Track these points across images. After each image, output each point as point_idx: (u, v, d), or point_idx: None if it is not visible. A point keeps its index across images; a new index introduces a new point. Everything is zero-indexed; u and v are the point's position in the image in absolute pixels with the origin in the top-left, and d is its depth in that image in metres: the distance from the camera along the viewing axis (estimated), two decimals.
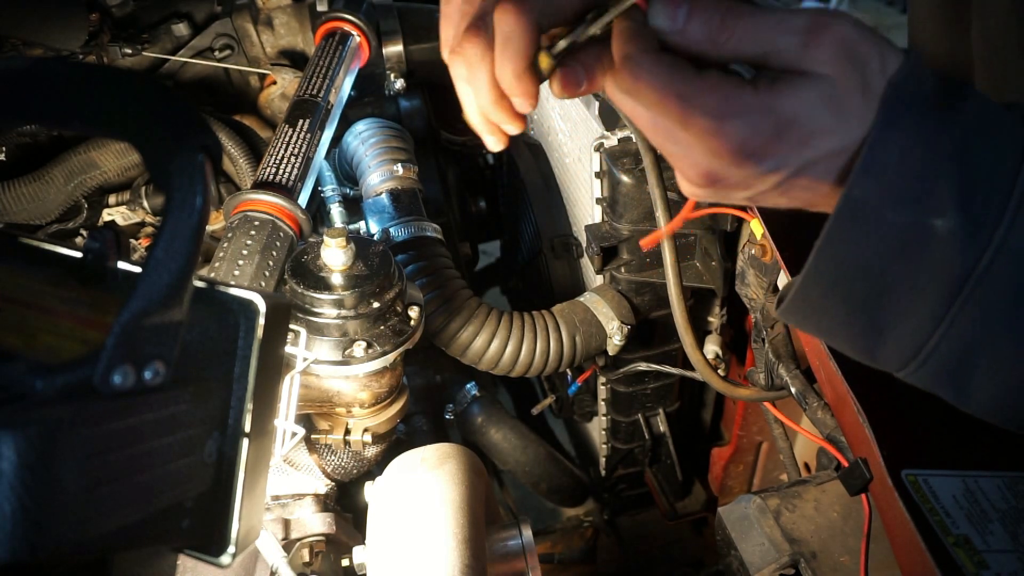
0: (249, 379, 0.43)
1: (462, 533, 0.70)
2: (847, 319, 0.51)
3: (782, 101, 0.46)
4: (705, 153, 0.47)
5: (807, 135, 0.46)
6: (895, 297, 0.48)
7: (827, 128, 0.46)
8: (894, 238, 0.46)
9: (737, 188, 0.50)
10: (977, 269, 0.45)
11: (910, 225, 0.45)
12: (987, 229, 0.44)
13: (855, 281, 0.48)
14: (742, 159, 0.47)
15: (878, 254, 0.47)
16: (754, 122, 0.46)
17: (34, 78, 0.40)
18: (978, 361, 0.48)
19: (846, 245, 0.47)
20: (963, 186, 0.44)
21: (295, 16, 1.32)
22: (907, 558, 0.60)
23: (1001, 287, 0.45)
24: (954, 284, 0.46)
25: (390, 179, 1.10)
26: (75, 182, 1.14)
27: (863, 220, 0.46)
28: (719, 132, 0.46)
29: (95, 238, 0.44)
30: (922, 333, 0.48)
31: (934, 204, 0.45)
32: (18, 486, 0.30)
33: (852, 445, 0.69)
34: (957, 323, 0.47)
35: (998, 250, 0.44)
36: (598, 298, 1.07)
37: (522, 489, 1.52)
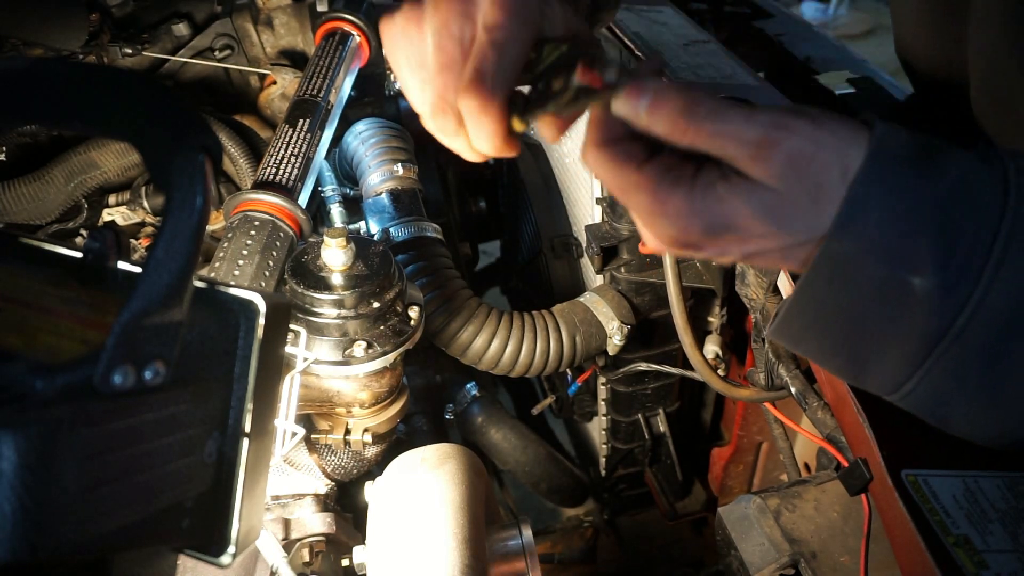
0: (249, 379, 0.43)
1: (462, 533, 0.71)
2: (830, 351, 0.52)
3: (716, 207, 0.47)
4: (668, 229, 0.50)
5: (742, 239, 0.48)
6: (873, 340, 0.48)
7: (764, 234, 0.47)
8: (872, 290, 0.46)
9: (702, 255, 0.52)
10: (953, 328, 0.45)
11: (888, 279, 0.45)
12: (964, 289, 0.44)
13: (834, 321, 0.49)
14: (678, 248, 0.50)
15: (856, 301, 0.47)
16: (682, 225, 0.48)
17: (34, 78, 0.40)
18: (954, 408, 0.49)
19: (824, 291, 0.48)
20: (943, 245, 0.44)
21: (295, 16, 1.32)
22: (907, 558, 0.60)
23: (976, 346, 0.45)
24: (930, 340, 0.46)
25: (390, 179, 1.10)
26: (75, 182, 1.14)
27: (841, 271, 0.46)
28: (651, 227, 0.50)
29: (95, 238, 0.44)
30: (899, 375, 0.49)
31: (913, 261, 0.45)
32: (18, 486, 0.30)
33: (852, 445, 0.69)
34: (932, 374, 0.47)
35: (974, 311, 0.44)
36: (598, 298, 1.07)
37: (522, 489, 1.52)
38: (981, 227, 0.44)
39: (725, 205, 0.47)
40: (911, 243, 0.44)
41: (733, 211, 0.47)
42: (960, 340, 0.45)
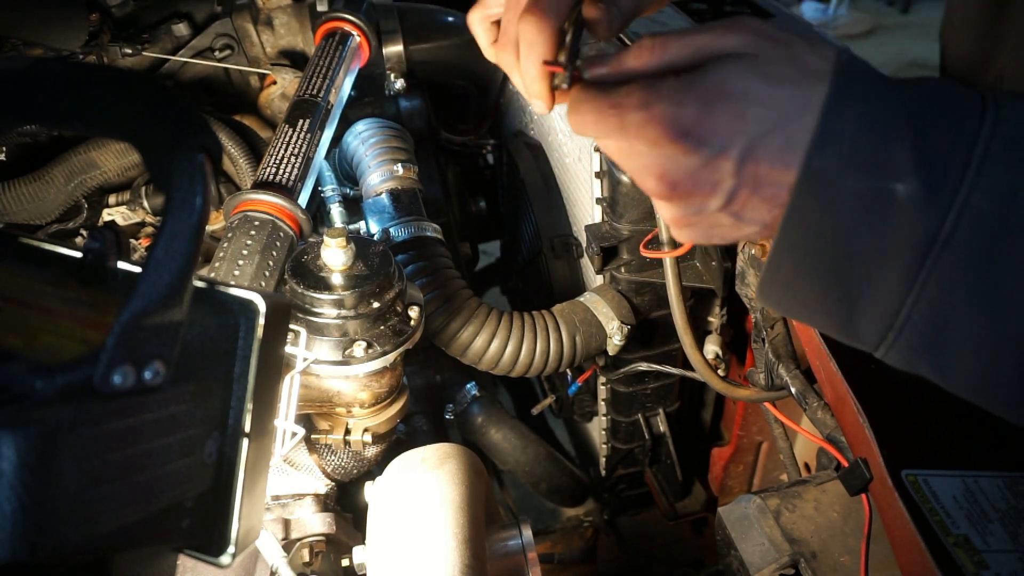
0: (249, 379, 0.43)
1: (462, 533, 0.71)
2: (820, 292, 0.50)
3: (705, 78, 0.48)
4: (650, 149, 0.49)
5: (739, 105, 0.47)
6: (864, 265, 0.48)
7: (759, 95, 0.47)
8: (856, 205, 0.46)
9: (700, 192, 0.50)
10: (941, 233, 0.44)
11: (871, 191, 0.45)
12: (947, 192, 0.44)
13: (823, 252, 0.48)
14: (679, 138, 0.48)
15: (842, 223, 0.47)
16: (679, 99, 0.48)
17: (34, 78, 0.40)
18: (952, 329, 0.47)
19: (809, 216, 0.48)
20: (921, 150, 0.44)
21: (295, 16, 1.32)
22: (907, 558, 0.60)
23: (967, 251, 0.45)
24: (919, 249, 0.45)
25: (390, 179, 1.10)
26: (75, 182, 1.14)
27: (824, 189, 0.46)
28: (650, 118, 0.48)
29: (95, 238, 0.44)
30: (894, 300, 0.47)
31: (893, 169, 0.45)
32: (18, 486, 0.30)
33: (852, 445, 0.69)
34: (927, 289, 0.46)
35: (960, 213, 0.44)
36: (598, 298, 1.07)
37: (522, 489, 1.52)
38: (960, 131, 0.45)
39: (713, 74, 0.48)
40: (889, 151, 0.45)
41: (722, 75, 0.47)
42: (950, 246, 0.44)
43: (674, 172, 0.50)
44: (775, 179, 0.48)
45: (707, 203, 0.51)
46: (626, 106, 0.49)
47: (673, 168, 0.50)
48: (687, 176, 0.50)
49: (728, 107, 0.47)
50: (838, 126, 0.46)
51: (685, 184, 0.50)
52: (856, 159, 0.45)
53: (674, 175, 0.50)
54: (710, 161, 0.49)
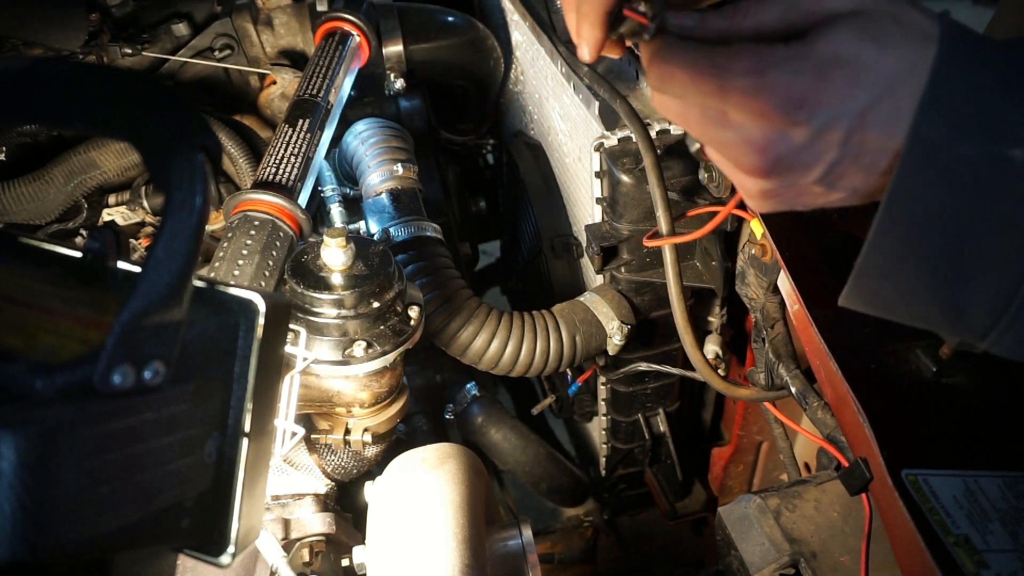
0: (249, 379, 0.43)
1: (462, 533, 0.71)
2: (927, 275, 0.47)
3: (817, 44, 0.44)
4: (754, 121, 0.46)
5: (853, 72, 0.44)
6: (976, 241, 0.44)
7: (871, 60, 0.44)
8: (969, 175, 0.43)
9: (802, 166, 0.47)
10: None
11: (984, 158, 0.42)
12: None
13: (931, 230, 0.45)
14: (792, 111, 0.44)
15: (953, 195, 0.43)
16: (793, 68, 0.44)
17: (34, 78, 0.40)
18: None
19: (918, 189, 0.44)
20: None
21: (295, 16, 1.32)
22: (907, 558, 0.60)
23: None
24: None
25: (390, 179, 1.10)
26: (75, 182, 1.14)
27: (934, 158, 0.43)
28: (760, 87, 0.44)
29: (95, 238, 0.44)
30: (1011, 277, 0.44)
31: (1008, 132, 0.42)
32: (18, 486, 0.30)
33: (852, 445, 0.69)
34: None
35: None
36: (598, 298, 1.07)
37: (522, 489, 1.52)
38: None
39: (825, 40, 0.44)
40: (1003, 114, 0.42)
41: (834, 41, 0.44)
42: None
43: (779, 147, 0.46)
44: (880, 146, 0.45)
45: (806, 176, 0.48)
46: (732, 70, 0.45)
47: (779, 142, 0.46)
48: (793, 151, 0.46)
49: (843, 75, 0.44)
50: (948, 90, 0.43)
51: (789, 159, 0.46)
52: (968, 124, 0.43)
53: (779, 150, 0.46)
54: (820, 134, 0.45)
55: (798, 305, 0.75)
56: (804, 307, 0.73)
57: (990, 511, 0.60)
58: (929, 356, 0.69)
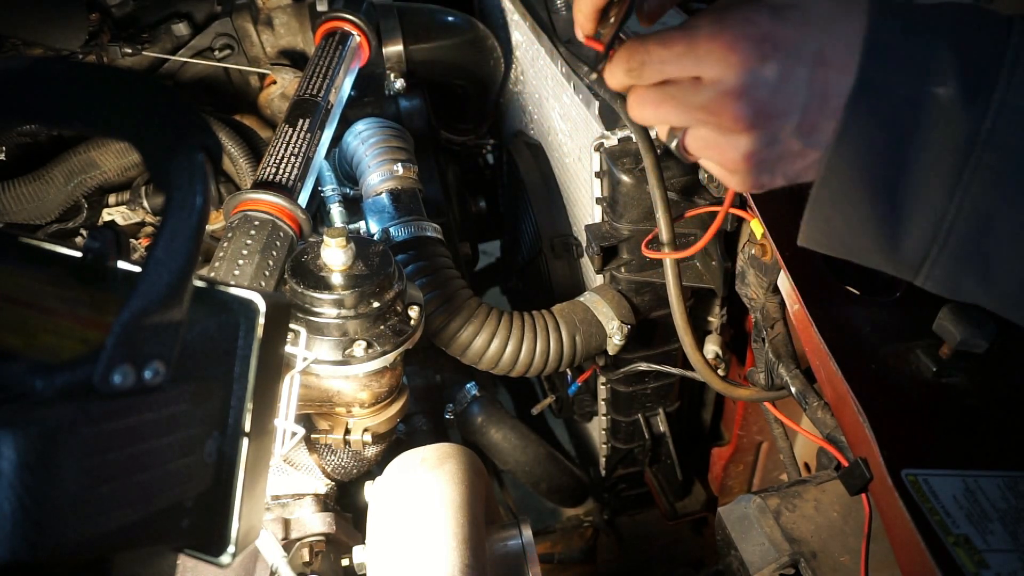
0: (249, 379, 0.43)
1: (462, 533, 0.71)
2: (869, 209, 0.51)
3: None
4: (727, 67, 0.49)
5: (802, 13, 0.49)
6: (910, 175, 0.49)
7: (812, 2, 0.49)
8: (904, 112, 0.48)
9: (779, 112, 0.50)
10: (981, 132, 0.46)
11: (916, 97, 0.47)
12: (985, 92, 0.47)
13: (873, 164, 0.49)
14: (758, 45, 0.49)
15: (891, 130, 0.48)
16: (750, 14, 0.49)
17: (34, 78, 0.40)
18: (997, 232, 0.48)
19: (862, 126, 0.49)
20: (959, 55, 0.47)
21: (295, 16, 1.32)
22: (907, 558, 0.60)
23: (1007, 149, 0.46)
24: (961, 150, 0.47)
25: (390, 179, 1.10)
26: (75, 182, 1.14)
27: (874, 97, 0.48)
28: (724, 28, 0.49)
29: (95, 238, 0.44)
30: (938, 206, 0.49)
31: (935, 73, 0.47)
32: (18, 486, 0.30)
33: (852, 445, 0.69)
34: (970, 191, 0.48)
35: (999, 111, 0.46)
36: (598, 298, 1.07)
37: (522, 489, 1.52)
38: (992, 38, 0.47)
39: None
40: (933, 56, 0.47)
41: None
42: (991, 144, 0.46)
43: (756, 87, 0.50)
44: (839, 87, 0.49)
45: (784, 123, 0.51)
46: (696, 26, 0.50)
47: (754, 82, 0.50)
48: (768, 91, 0.50)
49: (795, 15, 0.49)
50: (885, 33, 0.48)
51: (766, 101, 0.50)
52: (904, 64, 0.48)
53: (756, 91, 0.50)
54: (789, 69, 0.49)
55: (798, 305, 0.75)
56: (804, 307, 0.73)
57: (990, 511, 0.60)
58: (929, 356, 0.69)
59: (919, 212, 0.50)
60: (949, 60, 0.47)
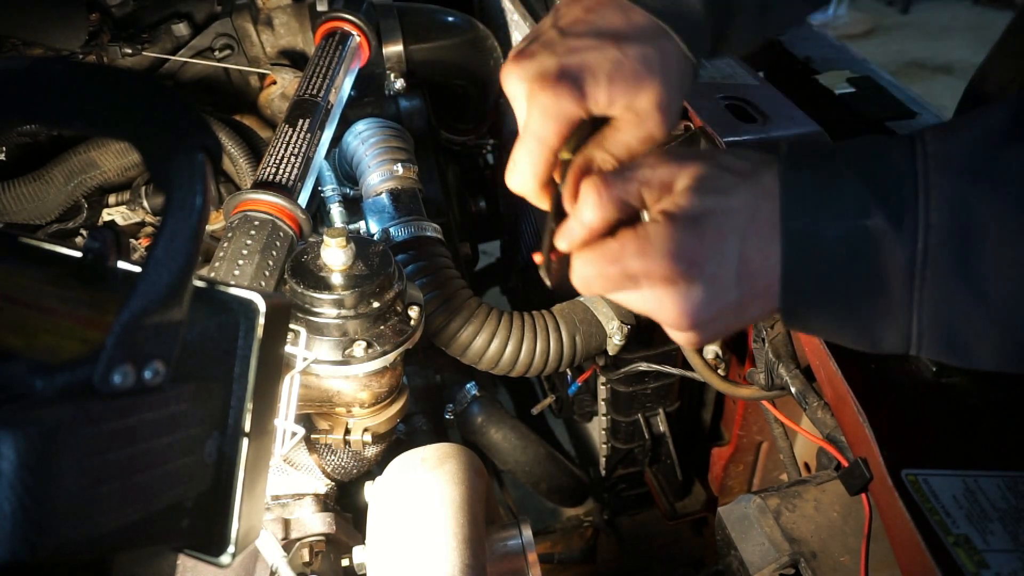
0: (249, 379, 0.43)
1: (462, 533, 0.71)
2: (837, 327, 0.54)
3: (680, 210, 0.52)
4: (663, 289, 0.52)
5: (718, 219, 0.52)
6: (864, 301, 0.51)
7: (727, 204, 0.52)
8: (839, 248, 0.50)
9: (716, 315, 0.53)
10: (917, 253, 0.49)
11: (847, 235, 0.50)
12: (909, 213, 0.49)
13: (826, 298, 0.52)
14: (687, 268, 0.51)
15: (832, 267, 0.51)
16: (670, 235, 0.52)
17: (34, 78, 0.40)
18: (962, 328, 0.50)
19: (803, 272, 0.52)
20: (872, 186, 0.50)
21: (295, 16, 1.32)
22: (907, 558, 0.60)
23: (945, 262, 0.49)
24: (906, 270, 0.50)
25: (390, 179, 1.10)
26: (75, 182, 1.14)
27: (806, 244, 0.51)
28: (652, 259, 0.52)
29: (95, 238, 0.44)
30: (903, 322, 0.51)
31: (856, 209, 0.50)
32: (18, 486, 0.30)
33: (852, 445, 0.69)
34: (926, 304, 0.50)
35: (927, 232, 0.49)
36: (598, 298, 1.07)
37: (522, 489, 1.52)
38: (898, 166, 0.50)
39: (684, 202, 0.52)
40: (848, 193, 0.50)
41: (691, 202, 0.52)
42: (929, 261, 0.49)
43: (691, 302, 0.52)
44: (765, 267, 0.52)
45: (725, 321, 0.54)
46: (624, 254, 0.52)
47: (688, 301, 0.52)
48: (703, 304, 0.52)
49: (711, 227, 0.51)
50: (798, 189, 0.51)
51: (705, 311, 0.53)
52: (820, 210, 0.51)
53: (693, 305, 0.53)
54: (716, 278, 0.52)
55: None
56: None
57: (990, 511, 0.60)
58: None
59: (888, 329, 0.52)
60: (865, 194, 0.50)
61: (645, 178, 0.54)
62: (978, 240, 0.48)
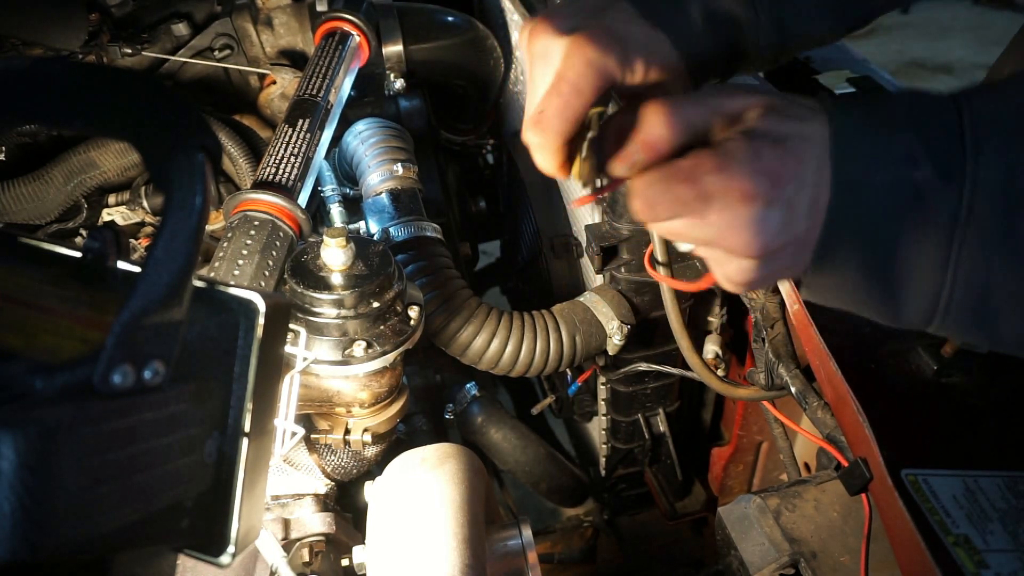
0: (249, 379, 0.43)
1: (462, 533, 0.71)
2: (865, 289, 0.52)
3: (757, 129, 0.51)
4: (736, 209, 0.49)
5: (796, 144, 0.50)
6: (900, 256, 0.50)
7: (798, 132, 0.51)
8: (884, 198, 0.50)
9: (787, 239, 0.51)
10: (962, 208, 0.48)
11: (894, 182, 0.49)
12: (957, 169, 0.48)
13: (862, 249, 0.51)
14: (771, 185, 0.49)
15: (875, 217, 0.50)
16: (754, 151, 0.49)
17: (34, 78, 0.40)
18: (993, 296, 0.49)
19: (846, 216, 0.50)
20: (924, 139, 0.49)
21: (295, 16, 1.32)
22: (907, 558, 0.60)
23: (988, 222, 0.48)
24: (947, 227, 0.49)
25: (390, 179, 1.10)
26: (75, 182, 1.14)
27: (854, 190, 0.50)
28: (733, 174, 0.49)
29: (95, 238, 0.44)
30: (934, 284, 0.50)
31: (906, 159, 0.49)
32: (18, 486, 0.30)
33: (852, 445, 0.69)
34: (962, 265, 0.49)
35: (973, 189, 0.48)
36: (598, 298, 1.07)
37: (522, 489, 1.52)
38: (947, 119, 0.49)
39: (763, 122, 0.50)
40: (899, 144, 0.49)
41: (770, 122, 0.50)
42: (972, 220, 0.48)
43: (767, 224, 0.50)
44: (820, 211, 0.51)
45: (784, 259, 0.52)
46: (700, 171, 0.49)
47: (766, 219, 0.50)
48: (778, 228, 0.50)
49: (791, 146, 0.50)
50: (846, 134, 0.50)
51: (777, 237, 0.50)
52: (872, 153, 0.50)
53: (768, 228, 0.50)
54: (793, 203, 0.50)
55: (798, 305, 0.75)
56: (804, 307, 0.73)
57: (990, 511, 0.60)
58: (929, 356, 0.69)
59: (915, 291, 0.51)
60: (916, 146, 0.49)
61: (718, 104, 0.52)
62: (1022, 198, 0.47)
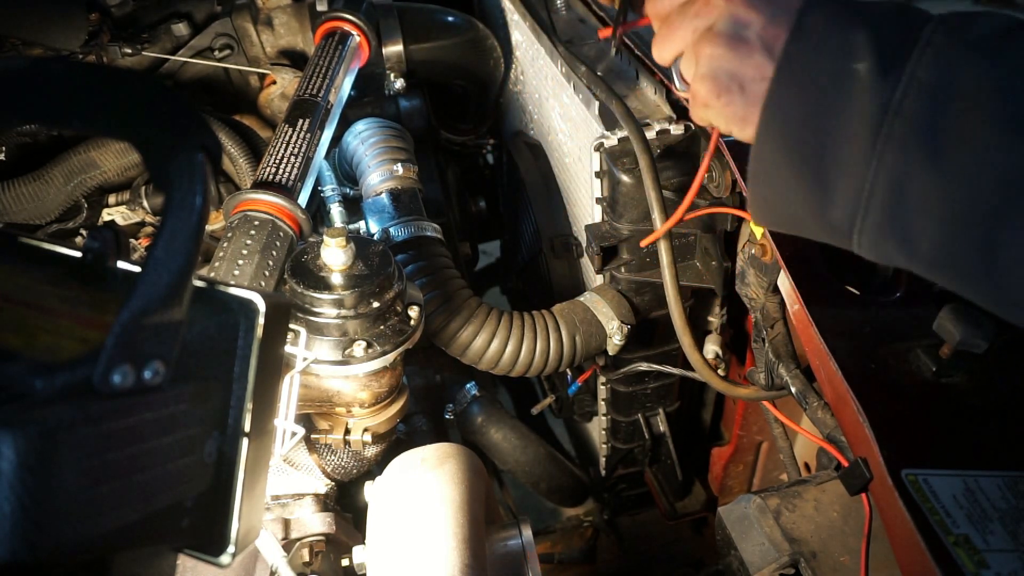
0: (249, 379, 0.43)
1: (462, 533, 0.71)
2: (798, 177, 0.56)
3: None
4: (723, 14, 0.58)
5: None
6: (832, 146, 0.54)
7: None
8: (825, 84, 0.53)
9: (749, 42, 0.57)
10: (892, 103, 0.51)
11: (837, 72, 0.53)
12: (897, 67, 0.51)
13: (798, 134, 0.55)
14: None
15: (813, 101, 0.54)
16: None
17: (34, 78, 0.40)
18: (911, 197, 0.51)
19: (787, 96, 0.55)
20: (879, 37, 0.53)
21: (295, 16, 1.32)
22: (907, 558, 0.60)
23: (915, 119, 0.50)
24: (874, 119, 0.52)
25: (390, 179, 1.10)
26: (75, 182, 1.14)
27: (799, 71, 0.54)
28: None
29: (95, 238, 0.44)
30: (858, 176, 0.53)
31: (855, 52, 0.53)
32: (18, 486, 0.30)
33: (852, 445, 0.69)
34: (884, 160, 0.51)
35: (908, 84, 0.51)
36: (598, 298, 1.07)
37: (522, 489, 1.52)
38: (909, 24, 0.53)
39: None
40: (851, 38, 0.53)
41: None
42: (900, 114, 0.51)
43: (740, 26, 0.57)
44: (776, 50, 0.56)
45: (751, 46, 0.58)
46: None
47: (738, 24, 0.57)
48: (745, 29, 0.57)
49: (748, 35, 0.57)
50: (811, 21, 0.55)
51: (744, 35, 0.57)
52: (824, 45, 0.54)
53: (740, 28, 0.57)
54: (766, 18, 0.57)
55: (798, 305, 0.75)
56: (804, 307, 0.73)
57: (990, 511, 0.60)
58: (929, 356, 0.69)
59: (842, 181, 0.54)
60: (866, 40, 0.52)
61: None
62: (952, 101, 0.49)
